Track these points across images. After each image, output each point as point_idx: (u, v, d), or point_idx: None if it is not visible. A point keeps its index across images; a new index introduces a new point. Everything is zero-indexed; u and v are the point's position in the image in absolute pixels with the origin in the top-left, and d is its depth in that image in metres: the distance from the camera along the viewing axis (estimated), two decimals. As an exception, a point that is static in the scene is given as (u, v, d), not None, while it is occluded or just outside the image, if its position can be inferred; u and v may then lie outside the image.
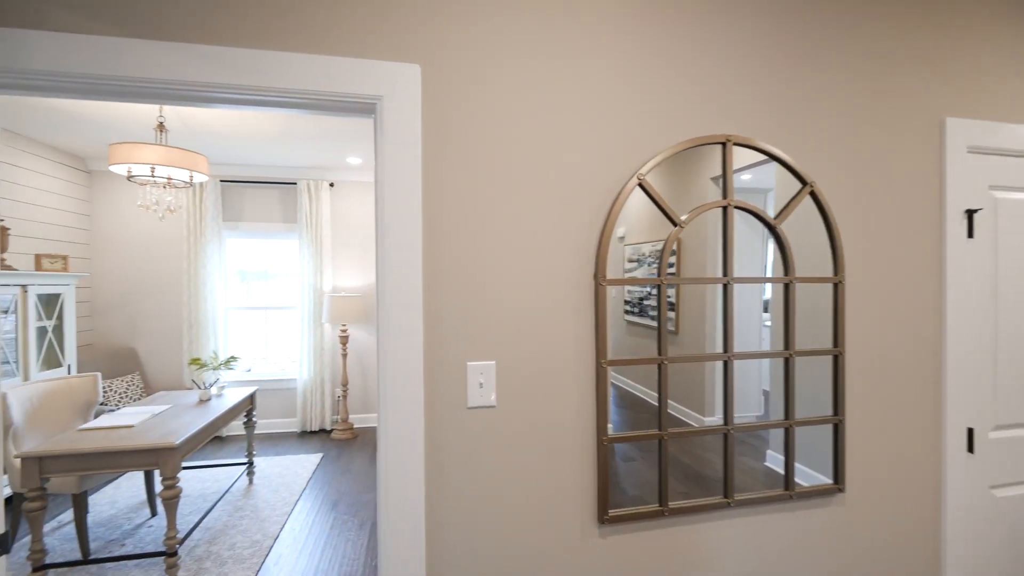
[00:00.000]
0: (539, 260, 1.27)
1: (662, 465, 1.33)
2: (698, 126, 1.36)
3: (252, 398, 3.72)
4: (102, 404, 4.12)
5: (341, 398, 4.91)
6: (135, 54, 1.07)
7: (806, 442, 1.44)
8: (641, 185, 1.30)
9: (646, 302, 1.32)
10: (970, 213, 1.58)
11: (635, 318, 1.31)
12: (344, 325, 4.84)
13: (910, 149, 1.54)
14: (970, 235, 1.59)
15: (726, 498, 1.37)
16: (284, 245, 5.21)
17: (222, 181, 4.85)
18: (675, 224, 1.33)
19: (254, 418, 3.77)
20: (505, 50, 1.24)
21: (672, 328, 1.33)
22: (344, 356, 4.89)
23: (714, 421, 1.36)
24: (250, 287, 5.17)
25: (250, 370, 5.13)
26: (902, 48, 1.52)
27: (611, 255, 1.30)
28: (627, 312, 1.31)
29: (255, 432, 4.96)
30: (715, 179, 1.36)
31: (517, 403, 1.26)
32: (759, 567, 1.42)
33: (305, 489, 3.66)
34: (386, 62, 1.17)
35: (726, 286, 1.37)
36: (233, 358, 3.71)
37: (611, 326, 1.30)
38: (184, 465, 4.06)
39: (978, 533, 1.61)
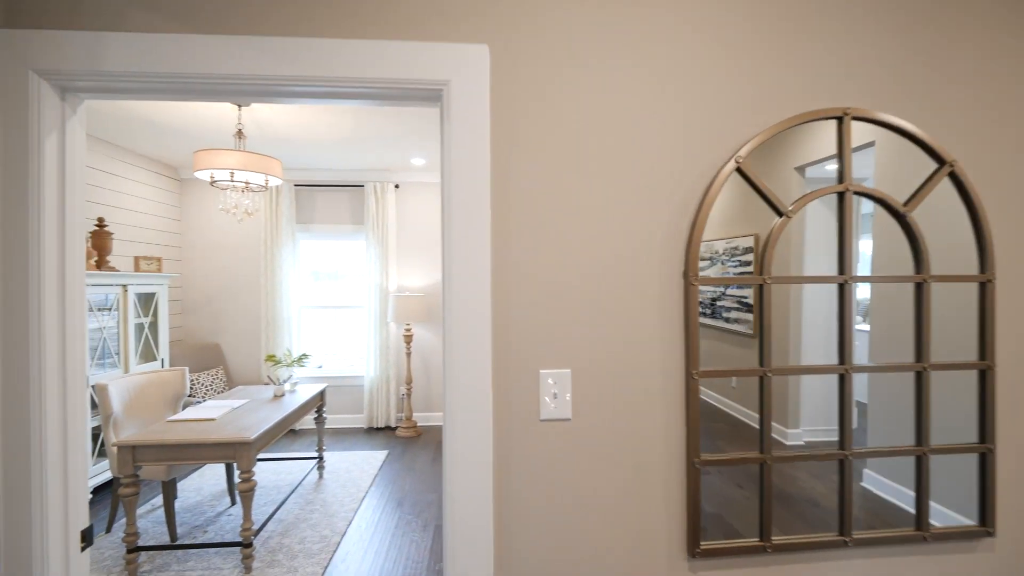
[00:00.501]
0: (619, 256, 1.13)
1: (764, 493, 1.15)
2: (806, 100, 1.17)
3: (323, 394, 3.82)
4: (189, 396, 4.42)
5: (405, 396, 4.97)
6: (205, 50, 1.04)
7: (933, 470, 1.20)
8: (739, 170, 1.13)
9: (719, 303, 1.15)
10: None
11: (706, 319, 1.15)
12: (408, 324, 4.90)
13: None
14: None
15: (842, 535, 1.16)
16: (352, 246, 5.36)
17: (296, 185, 5.06)
18: (780, 214, 1.14)
19: (324, 414, 3.87)
20: (580, 23, 1.12)
21: (749, 331, 1.15)
22: (408, 355, 4.94)
23: (797, 434, 1.17)
24: (322, 287, 5.37)
25: (321, 367, 5.32)
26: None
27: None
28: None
29: (324, 427, 5.14)
30: (799, 168, 1.16)
31: (595, 416, 1.13)
32: (883, 619, 1.20)
33: (371, 486, 3.71)
34: (453, 44, 1.08)
35: (843, 285, 1.16)
36: (305, 355, 3.83)
37: (702, 331, 1.14)
38: (259, 457, 4.26)
39: None
